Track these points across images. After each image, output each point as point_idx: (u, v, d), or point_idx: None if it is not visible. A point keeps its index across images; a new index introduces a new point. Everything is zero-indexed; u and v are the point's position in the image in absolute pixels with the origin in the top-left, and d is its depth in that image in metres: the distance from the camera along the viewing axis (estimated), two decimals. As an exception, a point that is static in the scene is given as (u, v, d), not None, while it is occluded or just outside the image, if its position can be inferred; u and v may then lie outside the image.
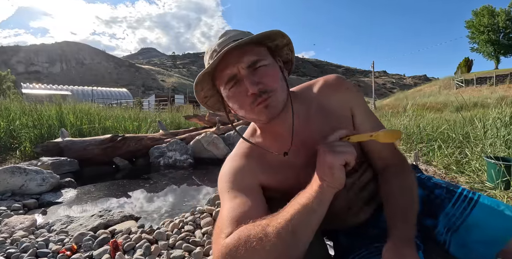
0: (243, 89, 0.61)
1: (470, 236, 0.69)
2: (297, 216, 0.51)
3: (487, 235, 0.67)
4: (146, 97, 31.89)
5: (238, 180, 0.66)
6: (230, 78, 0.62)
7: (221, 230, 0.55)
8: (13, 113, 4.18)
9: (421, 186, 0.83)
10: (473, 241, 0.69)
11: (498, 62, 35.24)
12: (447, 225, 0.73)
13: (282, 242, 0.49)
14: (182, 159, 3.37)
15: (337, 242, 0.83)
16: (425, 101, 11.97)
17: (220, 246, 0.51)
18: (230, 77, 0.61)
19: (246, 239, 0.49)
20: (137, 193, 2.35)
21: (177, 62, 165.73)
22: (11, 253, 1.23)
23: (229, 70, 0.61)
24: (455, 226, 0.72)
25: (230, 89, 0.62)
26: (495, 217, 0.69)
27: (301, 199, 0.54)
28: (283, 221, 0.50)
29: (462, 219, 0.71)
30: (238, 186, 0.64)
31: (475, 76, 23.10)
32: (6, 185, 2.09)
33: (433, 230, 0.75)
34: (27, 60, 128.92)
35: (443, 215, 0.75)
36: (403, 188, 0.68)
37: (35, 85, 30.61)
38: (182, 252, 1.22)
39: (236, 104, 0.63)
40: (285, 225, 0.50)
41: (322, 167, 0.55)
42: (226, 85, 0.62)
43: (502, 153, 2.33)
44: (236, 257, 0.48)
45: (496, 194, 1.81)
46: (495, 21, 32.85)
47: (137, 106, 10.87)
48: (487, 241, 0.67)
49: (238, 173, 0.67)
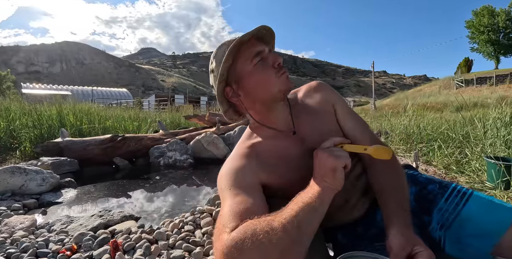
0: (269, 64, 0.71)
1: (463, 230, 0.69)
2: (301, 213, 0.53)
3: (481, 228, 0.67)
4: (146, 97, 31.90)
5: (239, 179, 0.66)
6: (258, 53, 0.71)
7: (224, 225, 0.55)
8: (13, 114, 4.18)
9: (413, 182, 0.83)
10: (467, 235, 0.68)
11: (498, 62, 35.22)
12: (440, 220, 0.73)
13: (288, 236, 0.50)
14: (182, 159, 3.37)
15: (337, 242, 0.83)
16: (425, 101, 11.98)
17: (224, 240, 0.51)
18: (258, 52, 0.70)
19: (253, 232, 0.49)
20: (137, 193, 2.35)
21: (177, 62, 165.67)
22: (11, 253, 1.23)
23: (259, 47, 0.71)
24: (448, 222, 0.72)
25: (257, 63, 0.71)
26: (488, 211, 0.69)
27: (303, 198, 0.56)
28: (289, 216, 0.52)
29: (455, 214, 0.71)
30: (239, 184, 0.65)
31: (475, 76, 23.09)
32: (6, 185, 2.09)
33: (427, 227, 0.75)
34: (27, 60, 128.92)
35: (436, 210, 0.75)
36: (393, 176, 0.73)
37: (35, 85, 30.61)
38: (182, 252, 1.22)
39: (261, 75, 0.71)
40: (291, 220, 0.51)
41: (324, 169, 0.60)
42: (253, 59, 0.70)
43: (502, 153, 2.33)
44: (242, 250, 0.48)
45: (496, 194, 1.81)
46: (495, 21, 32.83)
47: (137, 106, 10.88)
48: (480, 235, 0.66)
49: (239, 172, 0.68)
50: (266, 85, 0.71)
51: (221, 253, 0.49)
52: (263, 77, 0.70)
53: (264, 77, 0.70)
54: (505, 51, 34.21)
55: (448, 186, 0.79)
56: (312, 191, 0.57)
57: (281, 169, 0.71)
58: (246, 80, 0.71)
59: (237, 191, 0.63)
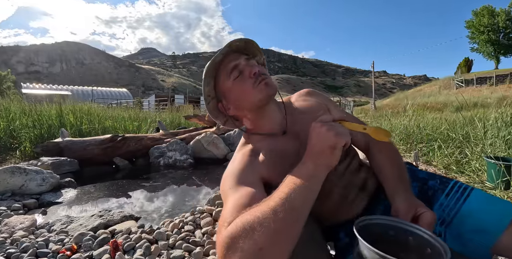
0: (245, 76, 0.73)
1: (464, 226, 0.69)
2: (293, 195, 0.51)
3: (481, 224, 0.67)
4: (146, 97, 31.89)
5: (241, 178, 0.67)
6: (234, 67, 0.74)
7: (224, 220, 0.55)
8: (13, 114, 4.17)
9: (413, 178, 0.84)
10: (467, 230, 0.68)
11: (498, 62, 35.22)
12: (441, 216, 0.73)
13: (279, 219, 0.49)
14: (182, 159, 3.37)
15: (338, 241, 0.83)
16: (425, 101, 11.98)
17: (222, 234, 0.51)
18: (233, 66, 0.74)
19: (244, 221, 0.49)
20: (137, 193, 2.35)
21: (177, 62, 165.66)
22: (11, 253, 1.23)
23: (234, 61, 0.74)
24: (449, 218, 0.72)
25: (235, 79, 0.74)
26: (489, 206, 0.69)
27: (295, 179, 0.54)
28: (279, 199, 0.51)
29: (456, 209, 0.72)
30: (240, 181, 0.66)
31: (475, 76, 23.07)
32: (6, 185, 2.09)
33: None
34: (27, 60, 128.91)
35: (437, 206, 0.75)
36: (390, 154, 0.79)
37: (35, 85, 30.57)
38: (182, 252, 1.22)
39: (240, 89, 0.73)
40: (281, 203, 0.50)
41: (322, 145, 0.55)
42: (231, 75, 0.74)
43: (502, 153, 2.33)
44: (235, 238, 0.48)
45: (496, 194, 1.81)
46: (495, 21, 32.82)
47: (137, 106, 10.87)
48: (481, 230, 0.66)
49: (240, 172, 0.69)
50: (246, 97, 0.74)
51: (220, 247, 0.50)
52: (241, 90, 0.74)
53: (242, 90, 0.73)
54: (505, 51, 34.19)
55: (449, 181, 0.79)
56: (306, 169, 0.55)
57: (280, 167, 0.70)
58: (229, 95, 0.76)
59: (238, 188, 0.64)
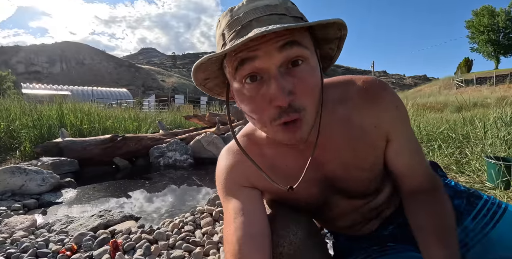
0: (265, 91, 0.43)
1: (489, 253, 0.61)
2: None
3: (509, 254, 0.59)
4: (146, 97, 31.88)
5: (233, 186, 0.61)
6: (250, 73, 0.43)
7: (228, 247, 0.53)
8: (13, 114, 4.17)
9: None
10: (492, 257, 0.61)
11: (498, 62, 35.24)
12: (464, 240, 0.65)
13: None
14: (182, 159, 3.37)
15: (337, 242, 0.83)
16: (425, 101, 11.96)
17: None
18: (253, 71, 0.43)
19: None
20: (137, 193, 2.35)
21: (177, 62, 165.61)
22: (11, 253, 1.23)
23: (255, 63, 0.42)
24: (472, 242, 0.64)
25: (248, 84, 0.44)
26: None
27: None
28: None
29: (483, 234, 0.63)
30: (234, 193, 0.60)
31: (475, 76, 23.09)
32: (6, 185, 2.09)
33: None
34: (27, 60, 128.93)
35: (461, 229, 0.66)
36: (436, 221, 0.55)
37: (35, 85, 30.60)
38: (182, 252, 1.22)
39: (249, 106, 0.46)
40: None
41: None
42: (243, 78, 0.44)
43: (502, 153, 2.33)
44: None
45: (496, 194, 1.81)
46: (495, 21, 32.84)
47: (137, 106, 10.87)
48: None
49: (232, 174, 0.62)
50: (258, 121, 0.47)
51: None
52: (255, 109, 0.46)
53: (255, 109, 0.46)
54: (505, 51, 34.23)
55: (477, 201, 0.68)
56: None
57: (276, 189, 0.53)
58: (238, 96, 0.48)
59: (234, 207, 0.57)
